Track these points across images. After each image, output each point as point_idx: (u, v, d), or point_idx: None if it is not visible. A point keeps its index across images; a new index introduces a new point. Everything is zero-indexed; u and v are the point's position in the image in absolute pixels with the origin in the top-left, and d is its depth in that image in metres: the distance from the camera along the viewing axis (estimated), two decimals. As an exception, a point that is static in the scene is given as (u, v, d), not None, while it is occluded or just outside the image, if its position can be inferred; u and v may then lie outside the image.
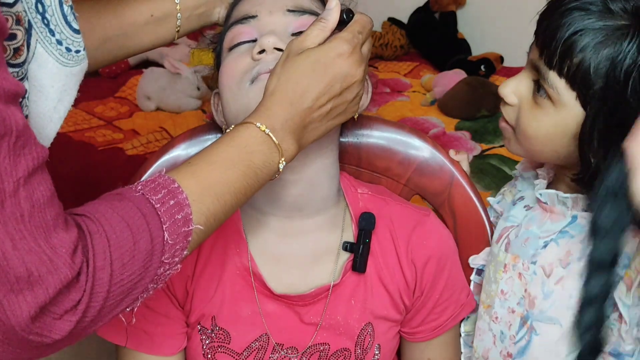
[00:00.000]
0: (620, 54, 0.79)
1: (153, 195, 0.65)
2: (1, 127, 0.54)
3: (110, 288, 0.61)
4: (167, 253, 0.65)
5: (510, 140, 0.93)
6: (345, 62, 0.77)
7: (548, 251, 0.92)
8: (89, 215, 0.63)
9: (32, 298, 0.56)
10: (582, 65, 0.81)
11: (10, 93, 0.56)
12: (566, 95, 0.83)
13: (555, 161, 0.92)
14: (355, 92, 0.80)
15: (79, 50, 0.68)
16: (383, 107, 2.60)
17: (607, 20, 0.80)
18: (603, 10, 0.81)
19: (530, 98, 0.88)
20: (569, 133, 0.85)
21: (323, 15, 0.80)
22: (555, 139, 0.86)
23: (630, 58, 0.79)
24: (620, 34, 0.80)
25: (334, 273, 0.94)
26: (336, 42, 0.78)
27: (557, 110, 0.85)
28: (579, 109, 0.83)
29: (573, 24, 0.81)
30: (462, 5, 3.23)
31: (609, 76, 0.80)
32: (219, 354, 0.94)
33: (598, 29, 0.80)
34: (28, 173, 0.56)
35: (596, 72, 0.80)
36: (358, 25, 0.80)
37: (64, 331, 0.58)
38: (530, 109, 0.87)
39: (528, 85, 0.88)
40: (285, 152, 0.75)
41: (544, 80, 0.84)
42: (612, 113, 0.80)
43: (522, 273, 0.94)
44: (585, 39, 0.80)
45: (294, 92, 0.76)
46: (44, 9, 0.64)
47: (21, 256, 0.55)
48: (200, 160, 0.71)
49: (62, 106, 0.68)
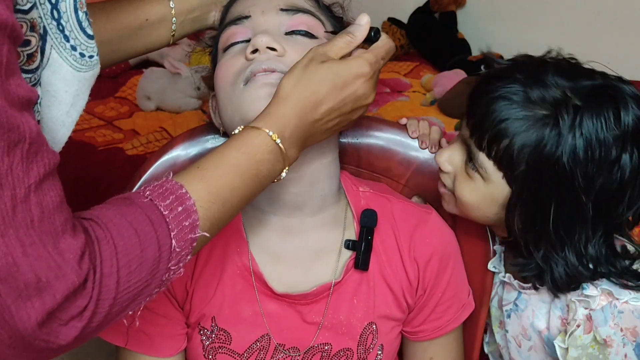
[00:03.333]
0: (542, 140, 0.85)
1: (161, 202, 0.66)
2: (15, 134, 0.54)
3: (116, 295, 0.61)
4: (173, 260, 0.65)
5: (449, 203, 0.99)
6: (363, 84, 0.79)
7: (512, 322, 1.02)
8: (96, 220, 0.63)
9: (39, 304, 0.56)
10: (508, 149, 0.87)
11: (24, 100, 0.56)
12: (494, 174, 0.90)
13: (486, 223, 0.99)
14: (360, 113, 0.83)
15: (92, 56, 0.68)
16: (383, 107, 2.60)
17: (528, 110, 0.86)
18: (524, 99, 0.87)
19: (463, 168, 0.94)
20: (497, 203, 0.92)
21: (352, 29, 0.82)
22: (485, 207, 0.93)
23: (552, 145, 0.85)
24: (542, 124, 0.86)
25: (336, 271, 0.94)
26: (360, 62, 0.79)
27: (486, 184, 0.91)
28: (506, 186, 0.90)
29: (499, 112, 0.87)
30: (462, 5, 3.22)
31: (532, 160, 0.86)
32: (219, 354, 0.94)
33: (522, 118, 0.86)
34: (39, 179, 0.57)
35: (520, 156, 0.86)
36: (383, 50, 0.82)
37: (70, 337, 0.59)
38: (463, 179, 0.94)
39: (461, 155, 0.94)
40: (289, 159, 0.76)
41: (475, 159, 0.91)
42: (534, 193, 0.88)
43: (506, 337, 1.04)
44: (510, 127, 0.86)
45: (309, 101, 0.76)
46: (59, 15, 0.65)
47: (30, 262, 0.55)
48: (209, 164, 0.71)
49: (75, 110, 0.69)
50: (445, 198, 0.99)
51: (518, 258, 0.95)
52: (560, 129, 0.85)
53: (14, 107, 0.55)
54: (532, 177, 0.87)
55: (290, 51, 0.85)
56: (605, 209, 0.89)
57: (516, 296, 1.01)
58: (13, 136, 0.54)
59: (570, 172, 0.85)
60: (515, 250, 0.96)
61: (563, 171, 0.85)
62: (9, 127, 0.54)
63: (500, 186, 0.90)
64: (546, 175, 0.86)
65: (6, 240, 0.54)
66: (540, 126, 0.86)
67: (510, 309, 1.02)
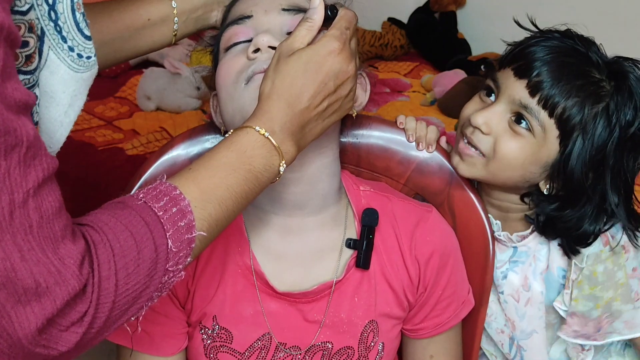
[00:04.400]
0: (605, 101, 0.92)
1: (155, 203, 0.65)
2: (12, 138, 0.54)
3: (115, 298, 0.61)
4: (171, 261, 0.65)
5: (473, 166, 0.99)
6: (336, 59, 0.78)
7: (510, 280, 1.06)
8: (92, 225, 0.63)
9: (39, 310, 0.56)
10: (570, 110, 0.92)
11: (21, 103, 0.56)
12: (551, 133, 0.94)
13: (515, 184, 1.00)
14: (349, 88, 0.80)
15: (90, 57, 0.68)
16: (383, 107, 2.60)
17: (587, 75, 0.93)
18: (587, 62, 0.93)
19: (507, 127, 0.95)
20: (540, 162, 0.96)
21: (308, 14, 0.80)
22: (528, 165, 0.96)
23: (613, 111, 0.92)
24: (601, 90, 0.92)
25: (337, 270, 0.94)
26: (326, 40, 0.78)
27: (537, 141, 0.95)
28: (556, 145, 0.94)
29: (567, 72, 0.92)
30: (462, 5, 3.22)
31: (597, 123, 0.92)
32: (221, 353, 0.94)
33: (588, 80, 0.92)
34: (38, 184, 0.56)
35: (583, 117, 0.92)
36: (344, 21, 0.81)
37: (71, 343, 0.58)
38: (510, 138, 0.96)
39: (503, 116, 0.96)
40: (285, 154, 0.75)
41: (533, 117, 0.93)
42: (590, 153, 0.93)
43: (500, 301, 1.09)
44: (571, 90, 0.92)
45: (290, 94, 0.76)
46: (56, 17, 0.64)
47: (29, 267, 0.55)
48: (201, 165, 0.71)
49: (73, 111, 0.69)
50: (469, 161, 0.99)
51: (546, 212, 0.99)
52: (618, 96, 0.91)
53: (11, 111, 0.54)
54: (590, 139, 0.92)
55: None
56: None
57: (511, 254, 1.05)
58: (10, 140, 0.54)
59: (633, 135, 0.91)
60: (543, 206, 0.99)
61: (625, 132, 0.92)
62: (5, 130, 0.53)
63: (551, 145, 0.94)
64: (606, 137, 0.92)
65: (3, 245, 0.54)
66: (600, 90, 0.92)
67: (507, 269, 1.06)
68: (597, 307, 0.99)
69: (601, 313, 0.99)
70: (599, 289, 0.98)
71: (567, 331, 1.01)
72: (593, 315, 0.99)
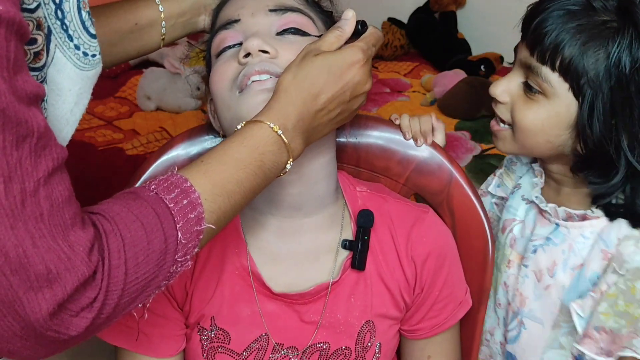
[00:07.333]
0: (607, 44, 0.88)
1: (166, 195, 0.66)
2: (24, 128, 0.55)
3: (124, 286, 0.62)
4: (180, 252, 0.66)
5: (505, 140, 1.00)
6: (359, 71, 0.80)
7: (538, 257, 1.02)
8: (103, 214, 0.64)
9: (50, 295, 0.57)
10: (573, 59, 0.89)
11: (32, 95, 0.57)
12: (560, 87, 0.91)
13: (548, 152, 0.98)
14: (360, 102, 0.83)
15: (95, 55, 0.69)
16: (383, 107, 2.60)
17: (590, 18, 0.89)
18: (586, 7, 0.89)
19: (522, 95, 0.95)
20: (562, 123, 0.93)
21: (340, 24, 0.83)
22: (549, 129, 0.94)
23: (619, 48, 0.88)
24: (605, 29, 0.88)
25: (333, 271, 0.95)
26: (353, 50, 0.81)
27: (551, 102, 0.92)
28: (572, 99, 0.91)
29: (562, 21, 0.89)
30: (462, 5, 3.23)
31: (600, 67, 0.88)
32: (218, 354, 0.94)
33: (586, 25, 0.89)
34: (48, 173, 0.57)
35: (587, 63, 0.88)
36: (373, 38, 0.84)
37: (81, 327, 0.59)
38: (524, 104, 0.95)
39: (518, 84, 0.96)
40: (293, 151, 0.76)
41: (537, 76, 0.92)
42: (609, 98, 0.88)
43: (519, 273, 1.03)
44: (574, 34, 0.89)
45: (309, 93, 0.77)
46: (63, 15, 0.66)
47: (41, 254, 0.56)
48: (213, 159, 0.72)
49: (78, 109, 0.70)
50: (500, 136, 1.00)
51: (593, 181, 0.94)
52: (624, 33, 0.87)
53: (22, 102, 0.55)
54: (601, 83, 0.88)
55: (282, 52, 0.85)
56: None
57: (552, 229, 1.01)
58: (21, 130, 0.55)
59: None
60: (582, 172, 0.95)
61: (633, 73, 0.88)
62: (17, 121, 0.55)
63: (566, 101, 0.91)
64: (616, 79, 0.88)
65: (16, 232, 0.55)
66: (604, 33, 0.88)
67: (540, 244, 1.02)
68: (627, 324, 0.92)
69: (629, 330, 0.92)
70: (635, 306, 0.92)
71: (591, 347, 0.93)
72: (622, 332, 0.93)
